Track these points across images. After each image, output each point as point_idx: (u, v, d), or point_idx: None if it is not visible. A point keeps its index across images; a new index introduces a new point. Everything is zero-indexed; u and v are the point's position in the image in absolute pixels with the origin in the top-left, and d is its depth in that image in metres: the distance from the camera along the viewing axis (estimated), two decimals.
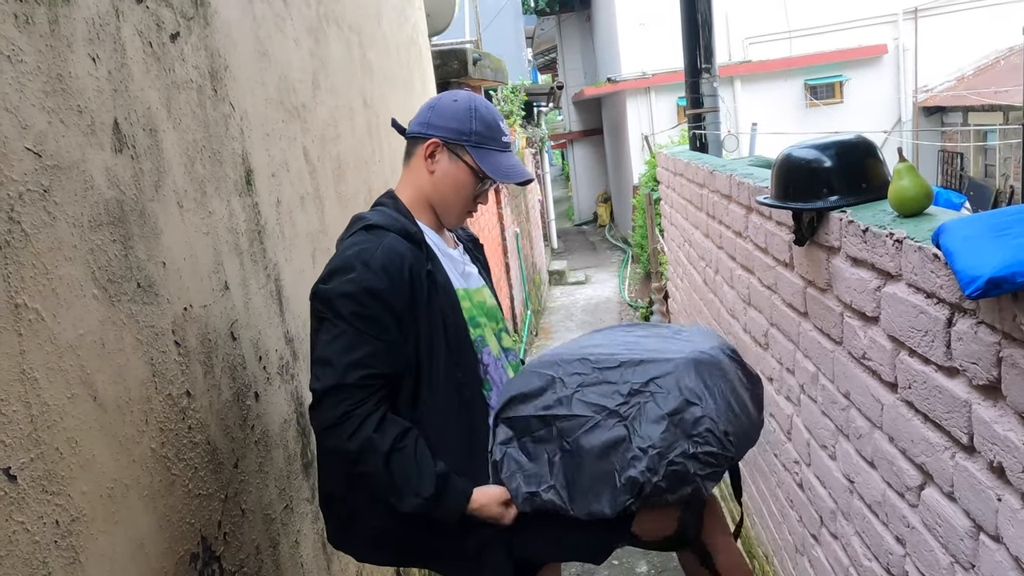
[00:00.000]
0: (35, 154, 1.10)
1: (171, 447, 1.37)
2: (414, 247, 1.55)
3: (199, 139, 1.61)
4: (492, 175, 1.60)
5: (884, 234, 1.48)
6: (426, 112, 1.63)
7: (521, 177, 1.63)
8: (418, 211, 1.64)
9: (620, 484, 1.43)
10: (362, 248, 1.50)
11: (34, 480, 1.03)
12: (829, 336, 1.88)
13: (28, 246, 1.07)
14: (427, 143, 1.60)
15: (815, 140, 1.86)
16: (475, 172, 1.60)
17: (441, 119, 1.60)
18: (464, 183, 1.61)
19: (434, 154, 1.61)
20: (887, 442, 1.58)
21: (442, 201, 1.64)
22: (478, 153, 1.59)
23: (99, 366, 1.19)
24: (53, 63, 1.16)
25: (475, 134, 1.58)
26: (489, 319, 1.69)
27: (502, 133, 1.62)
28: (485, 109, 1.62)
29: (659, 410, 1.45)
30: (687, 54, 4.53)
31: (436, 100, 1.63)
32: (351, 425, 1.44)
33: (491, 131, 1.60)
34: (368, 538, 1.62)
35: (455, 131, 1.59)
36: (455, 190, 1.62)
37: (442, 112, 1.60)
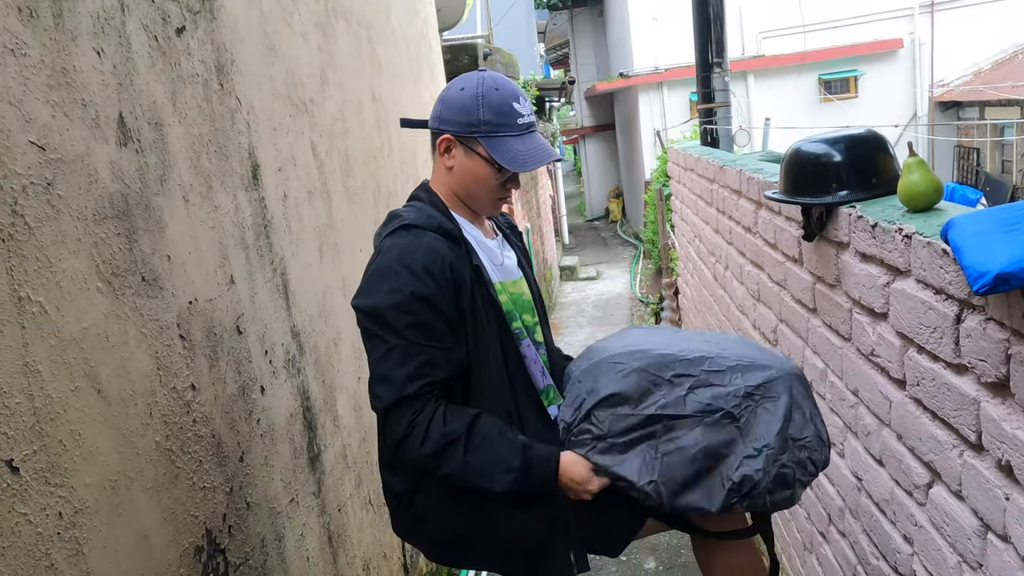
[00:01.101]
0: (39, 147, 1.10)
1: (176, 440, 1.38)
2: (453, 244, 1.51)
3: (205, 133, 1.61)
4: (507, 164, 1.51)
5: (893, 229, 1.46)
6: (437, 105, 1.57)
7: (540, 162, 1.53)
8: (452, 203, 1.60)
9: (730, 482, 1.43)
10: (402, 251, 1.46)
11: (37, 472, 1.03)
12: (838, 332, 1.87)
13: (32, 239, 1.07)
14: (440, 139, 1.55)
15: (824, 134, 1.84)
16: (491, 163, 1.53)
17: (449, 112, 1.53)
18: (484, 175, 1.55)
19: (449, 149, 1.55)
20: (895, 440, 1.56)
21: (468, 195, 1.59)
22: (490, 143, 1.51)
23: (103, 359, 1.19)
24: (57, 57, 1.16)
25: (484, 124, 1.50)
26: (525, 311, 1.65)
27: (517, 115, 1.52)
28: (494, 92, 1.51)
29: (773, 414, 1.46)
30: (698, 49, 4.50)
31: (446, 90, 1.57)
32: (419, 432, 1.42)
33: (503, 116, 1.51)
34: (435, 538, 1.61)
35: (464, 123, 1.52)
36: (477, 183, 1.56)
37: (450, 104, 1.54)
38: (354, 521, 2.28)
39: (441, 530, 1.58)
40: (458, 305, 1.48)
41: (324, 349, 2.19)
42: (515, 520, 1.53)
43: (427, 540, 1.63)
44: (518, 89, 1.56)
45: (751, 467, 1.43)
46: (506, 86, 1.54)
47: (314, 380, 2.09)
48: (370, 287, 1.47)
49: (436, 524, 1.57)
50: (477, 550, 1.58)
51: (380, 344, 1.45)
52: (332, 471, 2.15)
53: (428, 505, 1.56)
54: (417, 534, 1.64)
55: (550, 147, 1.58)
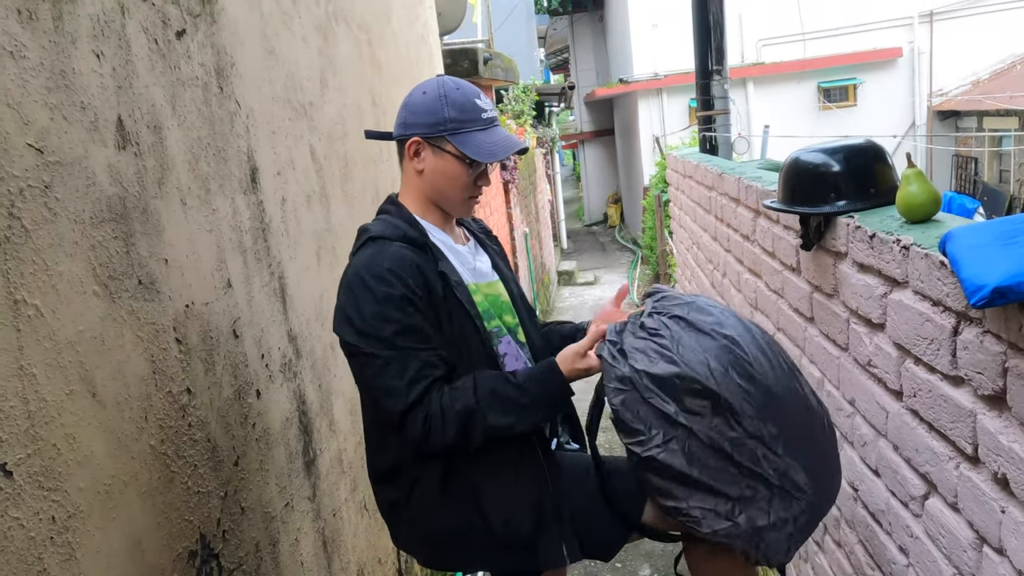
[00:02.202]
0: (37, 150, 1.10)
1: (170, 444, 1.37)
2: (419, 251, 1.53)
3: (204, 136, 1.61)
4: (477, 158, 1.54)
5: (891, 240, 1.46)
6: (401, 112, 1.60)
7: (508, 151, 1.57)
8: (422, 211, 1.62)
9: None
10: (368, 261, 1.49)
11: (30, 476, 1.03)
12: (835, 342, 1.87)
13: (28, 242, 1.07)
14: (408, 144, 1.58)
15: (823, 144, 1.84)
16: (461, 159, 1.56)
17: (414, 115, 1.56)
18: (455, 173, 1.57)
19: (418, 152, 1.58)
20: (892, 450, 1.56)
21: (440, 196, 1.61)
22: (458, 139, 1.54)
23: (98, 362, 1.19)
24: (56, 59, 1.16)
25: (451, 121, 1.54)
26: (504, 312, 1.66)
27: (480, 110, 1.57)
28: (456, 91, 1.56)
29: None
30: (698, 56, 4.50)
31: (408, 97, 1.60)
32: (437, 424, 1.44)
33: (466, 112, 1.55)
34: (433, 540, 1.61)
35: (430, 124, 1.55)
36: (449, 182, 1.59)
37: (414, 108, 1.57)
38: (349, 526, 2.28)
39: (438, 531, 1.58)
40: (432, 304, 1.50)
41: (321, 353, 2.18)
42: (504, 512, 1.54)
43: (426, 544, 1.63)
44: (476, 88, 1.61)
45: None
46: (465, 85, 1.59)
47: (310, 384, 2.09)
48: (346, 309, 1.48)
49: (433, 525, 1.57)
50: (474, 548, 1.59)
51: (372, 361, 1.45)
52: (327, 475, 2.15)
53: (423, 508, 1.57)
54: (416, 541, 1.64)
55: (515, 138, 1.62)
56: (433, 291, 1.51)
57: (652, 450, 1.36)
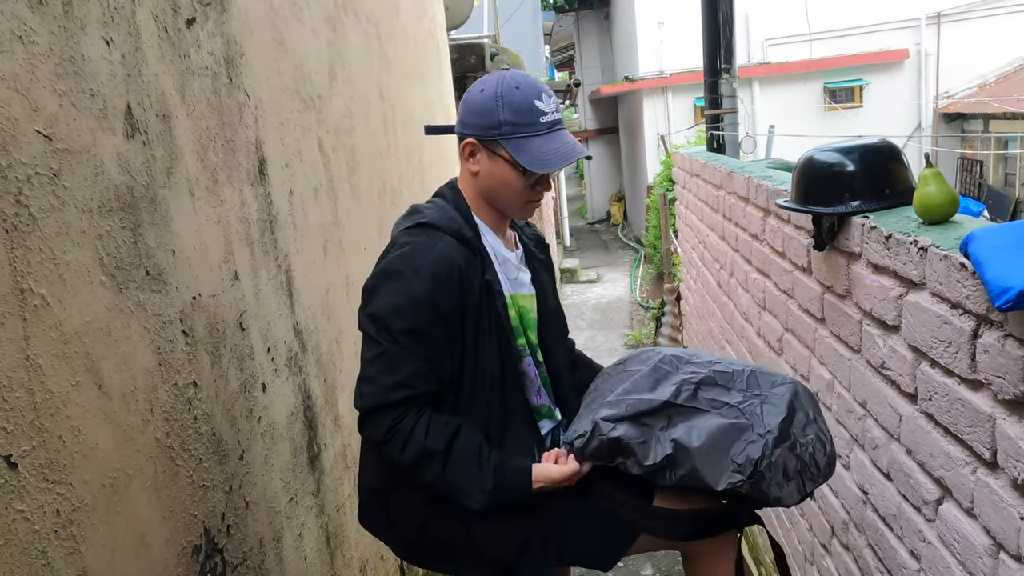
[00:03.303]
0: (45, 137, 1.08)
1: (176, 437, 1.35)
2: (469, 253, 1.47)
3: (212, 127, 1.59)
4: (530, 167, 1.45)
5: (908, 241, 1.44)
6: (460, 109, 1.53)
7: (566, 160, 1.46)
8: (477, 207, 1.56)
9: (734, 463, 1.43)
10: (413, 251, 1.43)
11: (35, 468, 1.01)
12: (847, 343, 1.84)
13: (35, 230, 1.05)
14: (463, 144, 1.52)
15: (838, 143, 1.82)
16: (515, 165, 1.47)
17: (470, 115, 1.49)
18: (509, 179, 1.49)
19: (473, 153, 1.51)
20: (904, 454, 1.54)
21: (496, 199, 1.54)
22: (512, 145, 1.45)
23: (105, 354, 1.17)
24: (66, 45, 1.14)
25: (505, 124, 1.45)
26: (530, 328, 1.62)
27: (539, 113, 1.46)
28: (514, 91, 1.46)
29: (776, 407, 1.49)
30: (707, 54, 4.48)
31: (467, 93, 1.52)
32: (400, 438, 1.41)
33: (524, 115, 1.45)
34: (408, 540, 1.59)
35: (484, 127, 1.47)
36: (503, 186, 1.51)
37: (470, 107, 1.50)
38: (352, 522, 2.26)
39: (416, 533, 1.55)
40: (462, 315, 1.45)
41: (326, 347, 2.17)
42: (489, 529, 1.51)
43: (400, 541, 1.60)
44: (541, 86, 1.50)
45: (754, 449, 1.44)
46: (528, 84, 1.48)
47: (316, 379, 2.07)
48: (375, 289, 1.45)
49: (411, 527, 1.55)
50: (452, 556, 1.56)
51: (373, 345, 1.43)
52: (331, 471, 2.13)
53: (403, 508, 1.54)
54: (388, 533, 1.62)
55: (577, 144, 1.51)
56: (469, 299, 1.46)
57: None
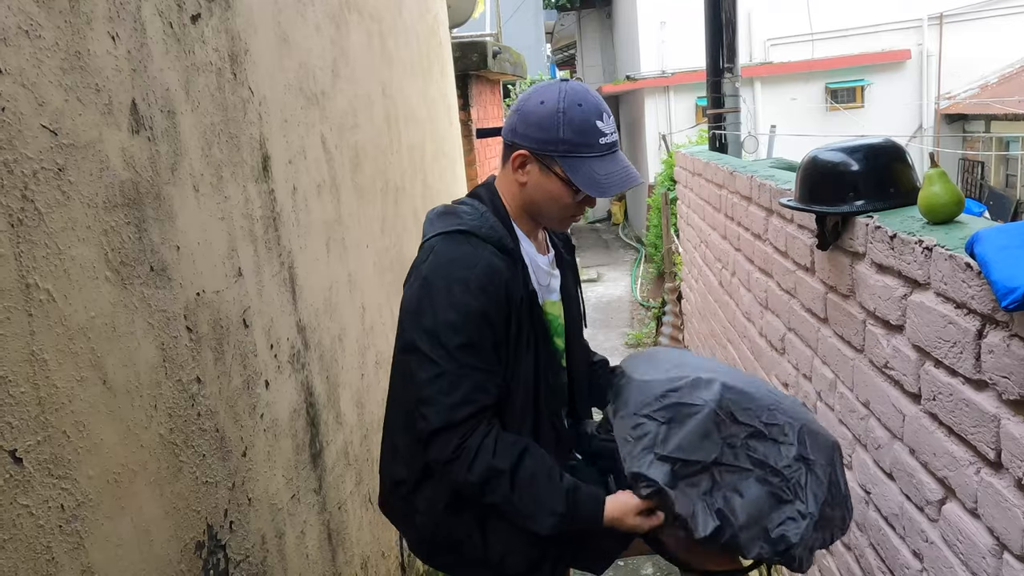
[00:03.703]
0: (51, 132, 1.08)
1: (179, 433, 1.35)
2: (511, 263, 1.43)
3: (217, 123, 1.59)
4: (586, 190, 1.41)
5: (913, 241, 1.44)
6: (512, 115, 1.47)
7: (622, 187, 1.43)
8: (516, 214, 1.52)
9: (768, 536, 1.40)
10: (459, 263, 1.38)
11: (40, 463, 1.01)
12: (850, 343, 1.85)
13: (41, 225, 1.05)
14: (514, 155, 1.45)
15: (842, 143, 1.82)
16: (568, 184, 1.43)
17: (527, 127, 1.43)
18: (558, 195, 1.45)
19: (524, 165, 1.46)
20: (907, 454, 1.54)
21: (539, 211, 1.51)
22: (569, 164, 1.40)
23: (109, 349, 1.17)
24: (72, 40, 1.14)
25: (564, 143, 1.40)
26: (557, 335, 1.61)
27: (599, 134, 1.41)
28: (577, 109, 1.40)
29: (820, 483, 1.43)
30: (709, 53, 4.47)
31: (523, 102, 1.46)
32: (467, 457, 1.37)
33: (584, 135, 1.40)
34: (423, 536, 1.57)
35: (542, 141, 1.41)
36: (550, 201, 1.47)
37: (527, 118, 1.43)
38: (354, 519, 2.26)
39: (432, 532, 1.54)
40: (507, 326, 1.42)
41: (329, 345, 2.17)
42: (505, 539, 1.50)
43: (415, 534, 1.59)
44: (603, 104, 1.45)
45: (793, 530, 1.40)
46: (590, 101, 1.43)
47: (318, 376, 2.07)
48: (423, 304, 1.39)
49: (428, 525, 1.54)
50: (463, 562, 1.55)
51: (429, 365, 1.38)
52: (333, 468, 2.13)
53: (424, 504, 1.53)
54: (405, 523, 1.61)
55: (632, 169, 1.47)
56: (513, 310, 1.43)
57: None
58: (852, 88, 13.33)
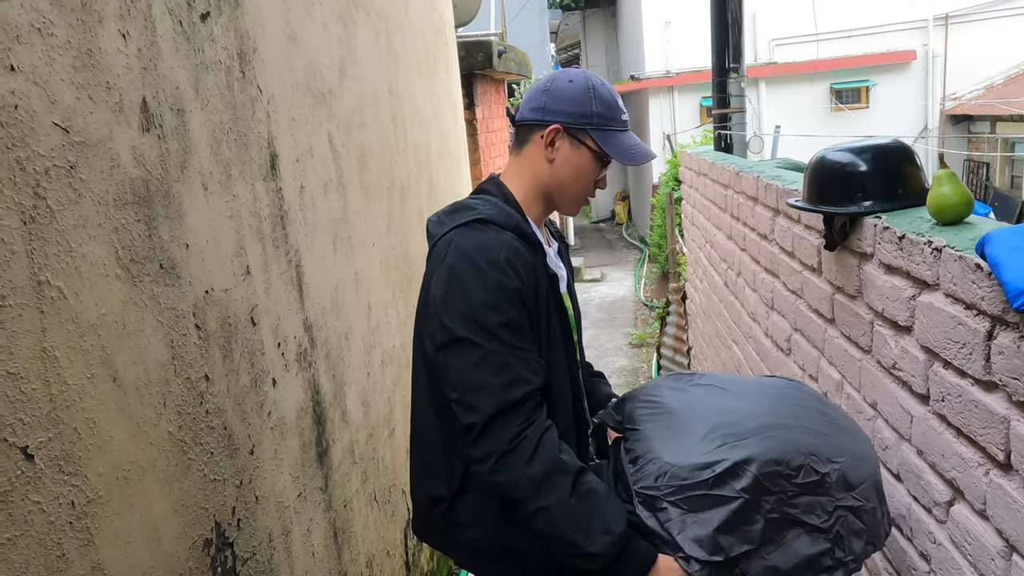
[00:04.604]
0: (63, 129, 1.08)
1: (188, 431, 1.36)
2: (531, 249, 1.42)
3: (226, 121, 1.59)
4: (618, 158, 1.48)
5: (922, 242, 1.44)
6: (539, 96, 1.49)
7: (646, 157, 1.51)
8: (528, 204, 1.52)
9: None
10: (483, 245, 1.35)
11: (51, 460, 1.02)
12: (857, 344, 1.84)
13: (53, 223, 1.05)
14: (547, 130, 1.47)
15: (850, 143, 1.82)
16: (598, 156, 1.48)
17: (559, 103, 1.47)
18: (587, 169, 1.50)
19: (554, 141, 1.48)
20: (915, 455, 1.54)
21: (561, 189, 1.51)
22: (601, 136, 1.47)
23: (120, 347, 1.17)
24: (83, 38, 1.14)
25: (597, 116, 1.47)
26: (573, 329, 1.59)
27: (621, 111, 1.51)
28: (603, 87, 1.50)
29: (861, 525, 1.40)
30: (715, 53, 4.47)
31: (549, 83, 1.50)
32: (528, 447, 1.26)
33: (612, 111, 1.49)
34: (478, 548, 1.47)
35: (576, 115, 1.46)
36: (577, 177, 1.50)
37: (559, 95, 1.48)
38: (359, 517, 2.26)
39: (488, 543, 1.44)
40: (536, 308, 1.40)
41: (335, 343, 2.17)
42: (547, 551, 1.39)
43: (465, 551, 1.48)
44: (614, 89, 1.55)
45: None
46: (607, 83, 1.52)
47: (324, 374, 2.07)
48: (453, 290, 1.33)
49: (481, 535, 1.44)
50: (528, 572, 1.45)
51: (471, 351, 1.29)
52: (339, 466, 2.14)
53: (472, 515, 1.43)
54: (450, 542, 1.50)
55: (648, 146, 1.56)
56: (540, 293, 1.41)
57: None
58: (857, 89, 13.31)
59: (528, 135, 1.51)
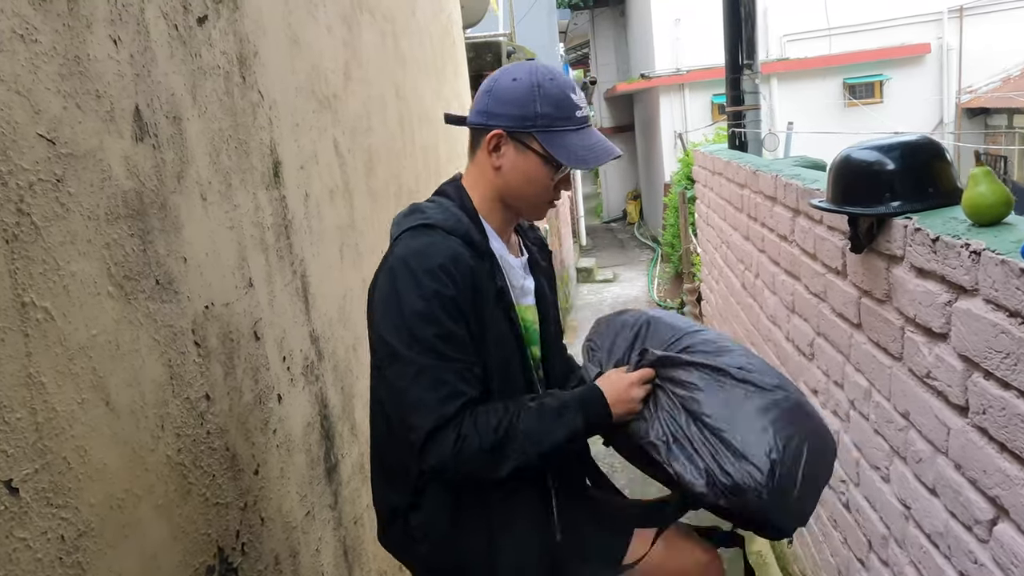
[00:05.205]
0: (48, 141, 1.02)
1: (188, 453, 1.30)
2: (477, 258, 1.35)
3: (225, 128, 1.53)
4: (568, 162, 1.36)
5: (959, 244, 1.36)
6: (483, 98, 1.39)
7: (603, 158, 1.38)
8: (487, 209, 1.44)
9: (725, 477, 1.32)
10: (419, 252, 1.30)
11: (38, 492, 0.96)
12: (886, 350, 1.76)
13: (38, 240, 0.99)
14: (488, 136, 1.37)
15: (877, 140, 1.74)
16: (548, 160, 1.37)
17: (501, 105, 1.36)
18: (537, 175, 1.38)
19: (498, 146, 1.38)
20: (953, 469, 1.46)
21: (516, 196, 1.42)
22: (547, 138, 1.35)
23: (112, 368, 1.11)
24: (70, 44, 1.09)
25: (541, 117, 1.34)
26: (532, 342, 1.50)
27: (575, 107, 1.37)
28: (551, 83, 1.36)
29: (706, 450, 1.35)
30: (728, 50, 4.39)
31: (493, 82, 1.39)
32: (472, 439, 1.27)
33: (561, 109, 1.36)
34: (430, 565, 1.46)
35: (518, 117, 1.35)
36: (528, 183, 1.39)
37: (501, 96, 1.36)
38: (370, 534, 2.20)
39: (438, 556, 1.42)
40: (478, 320, 1.34)
41: (343, 354, 2.11)
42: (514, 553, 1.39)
43: (421, 564, 1.47)
44: (571, 80, 1.41)
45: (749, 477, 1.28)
46: (560, 76, 1.39)
47: (332, 387, 2.01)
48: (388, 300, 1.31)
49: (434, 551, 1.41)
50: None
51: (406, 367, 1.28)
52: (349, 482, 2.07)
53: (424, 530, 1.40)
54: (409, 555, 1.49)
55: (609, 143, 1.42)
56: (483, 305, 1.34)
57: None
58: (871, 83, 13.15)
59: (477, 140, 1.42)
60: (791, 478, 1.29)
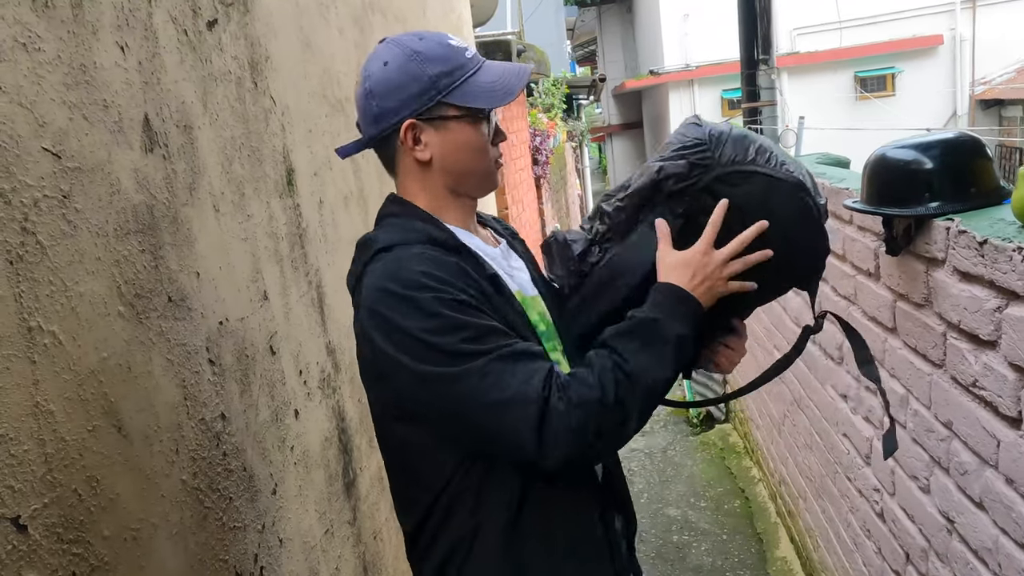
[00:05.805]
0: (54, 155, 0.97)
1: (203, 477, 1.24)
2: (451, 254, 1.18)
3: (238, 136, 1.48)
4: (488, 104, 1.22)
5: (1010, 248, 1.29)
6: (368, 102, 1.22)
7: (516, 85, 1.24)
8: (437, 209, 1.26)
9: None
10: (393, 273, 1.12)
11: (47, 528, 0.90)
12: (925, 357, 1.69)
13: (44, 260, 0.94)
14: (402, 134, 1.21)
15: (914, 139, 1.67)
16: (471, 117, 1.22)
17: (391, 97, 1.20)
18: (470, 138, 1.23)
19: (417, 138, 1.21)
20: (1003, 483, 1.39)
21: (462, 176, 1.26)
22: (457, 95, 1.20)
23: (124, 392, 1.06)
24: (76, 52, 1.03)
25: (439, 79, 1.19)
26: (552, 337, 1.31)
27: (461, 51, 1.23)
28: (424, 42, 1.22)
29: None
30: (744, 45, 4.31)
31: (366, 83, 1.22)
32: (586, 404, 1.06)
33: (449, 60, 1.21)
34: None
35: (416, 96, 1.19)
36: (468, 154, 1.24)
37: (385, 89, 1.20)
38: (390, 548, 2.15)
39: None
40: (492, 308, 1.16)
41: None
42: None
43: None
44: (439, 31, 1.27)
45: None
46: (425, 33, 1.25)
47: (349, 399, 1.96)
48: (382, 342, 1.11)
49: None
50: None
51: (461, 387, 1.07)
52: (367, 496, 2.02)
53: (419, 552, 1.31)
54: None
55: (515, 64, 1.29)
56: (487, 298, 1.17)
57: None
58: (883, 76, 13.02)
59: (389, 150, 1.26)
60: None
